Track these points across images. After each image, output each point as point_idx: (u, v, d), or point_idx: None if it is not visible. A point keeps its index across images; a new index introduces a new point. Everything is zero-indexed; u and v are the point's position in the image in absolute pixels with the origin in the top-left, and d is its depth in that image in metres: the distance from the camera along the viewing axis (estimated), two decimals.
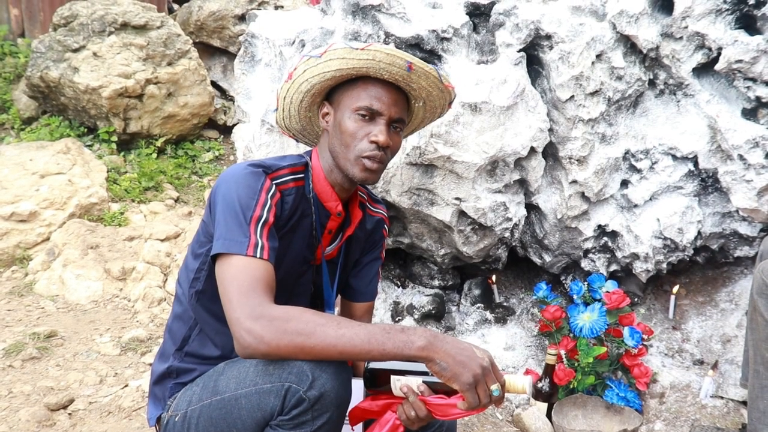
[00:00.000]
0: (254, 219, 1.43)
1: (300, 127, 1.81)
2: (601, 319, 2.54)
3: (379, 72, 1.55)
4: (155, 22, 4.76)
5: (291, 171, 1.60)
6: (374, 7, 2.47)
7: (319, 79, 1.60)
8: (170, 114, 4.74)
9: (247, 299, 1.34)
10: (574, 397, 2.49)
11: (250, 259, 1.39)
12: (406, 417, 1.43)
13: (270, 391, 1.34)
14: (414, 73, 1.58)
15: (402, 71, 1.56)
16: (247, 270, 1.38)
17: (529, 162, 2.63)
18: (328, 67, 1.57)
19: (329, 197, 1.65)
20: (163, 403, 1.62)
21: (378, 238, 1.87)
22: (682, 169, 2.69)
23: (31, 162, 3.91)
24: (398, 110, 1.61)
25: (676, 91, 2.68)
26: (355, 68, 1.55)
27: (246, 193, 1.46)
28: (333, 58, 1.55)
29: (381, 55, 1.52)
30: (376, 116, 1.58)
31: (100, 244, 3.53)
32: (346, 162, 1.58)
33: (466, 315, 2.96)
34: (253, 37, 2.83)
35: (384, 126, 1.57)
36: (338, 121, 1.60)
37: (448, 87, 1.70)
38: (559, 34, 2.55)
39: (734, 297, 2.84)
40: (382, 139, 1.55)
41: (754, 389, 2.09)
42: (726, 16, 2.50)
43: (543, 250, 2.92)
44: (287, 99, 1.70)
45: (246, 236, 1.41)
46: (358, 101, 1.57)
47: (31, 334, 2.83)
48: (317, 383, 1.31)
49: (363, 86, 1.58)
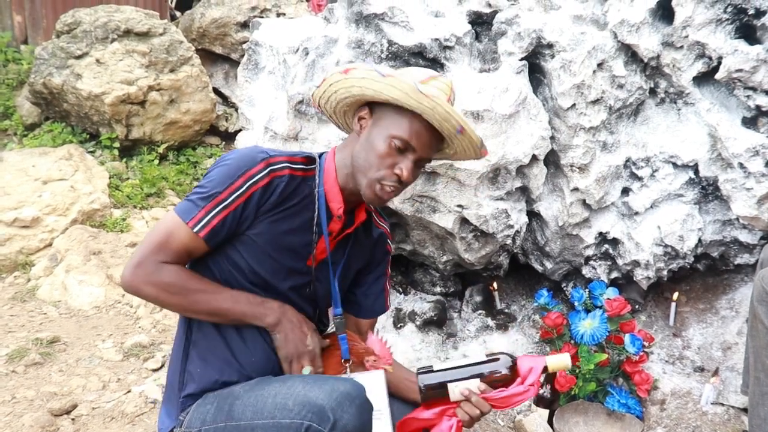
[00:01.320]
0: (216, 200, 1.52)
1: (332, 112, 1.79)
2: (602, 326, 2.55)
3: (432, 120, 1.57)
4: (158, 29, 4.79)
5: (289, 159, 1.61)
6: (377, 15, 2.49)
7: (372, 93, 1.59)
8: (172, 120, 4.77)
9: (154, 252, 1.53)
10: (575, 403, 2.50)
11: (186, 228, 1.52)
12: (470, 417, 1.54)
13: (289, 427, 1.34)
14: (463, 136, 1.61)
15: (453, 130, 1.59)
16: (175, 234, 1.54)
17: (530, 169, 2.65)
18: (388, 92, 1.55)
19: (334, 198, 1.65)
20: (175, 416, 1.61)
21: (382, 255, 1.88)
22: (683, 177, 2.70)
23: (34, 168, 3.92)
24: (430, 152, 1.64)
25: (677, 99, 2.70)
26: (411, 106, 1.55)
27: (227, 173, 1.54)
28: (395, 87, 1.53)
29: (440, 110, 1.53)
30: (408, 151, 1.58)
31: (103, 250, 3.55)
32: (363, 179, 1.59)
33: (468, 321, 2.97)
34: (257, 45, 2.85)
35: (412, 163, 1.58)
36: (371, 136, 1.60)
37: (483, 153, 1.74)
38: (561, 43, 2.57)
39: (735, 304, 2.85)
40: (406, 175, 1.57)
41: (754, 396, 2.10)
42: (726, 25, 2.52)
43: (544, 257, 2.93)
44: (334, 87, 1.67)
45: (198, 209, 1.52)
46: (398, 130, 1.57)
47: (33, 339, 2.84)
48: (339, 424, 1.31)
49: (410, 118, 1.57)
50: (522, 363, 1.53)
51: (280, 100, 2.65)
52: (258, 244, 1.59)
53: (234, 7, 5.76)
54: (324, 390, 1.36)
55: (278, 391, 1.41)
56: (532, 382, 1.49)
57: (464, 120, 1.58)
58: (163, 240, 1.53)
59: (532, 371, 1.50)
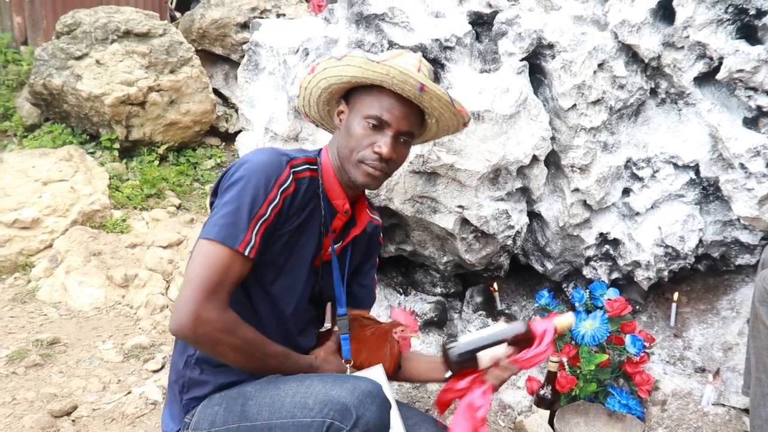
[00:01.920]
0: (258, 216, 1.46)
1: (319, 116, 1.84)
2: (603, 327, 2.54)
3: (392, 87, 1.57)
4: (158, 30, 4.79)
5: (306, 161, 1.62)
6: (378, 16, 2.49)
7: (336, 81, 1.64)
8: (172, 121, 4.76)
9: (212, 292, 1.40)
10: (576, 404, 2.49)
11: (237, 254, 1.43)
12: (500, 380, 1.63)
13: (310, 425, 1.33)
14: (426, 94, 1.59)
15: (414, 90, 1.57)
16: (231, 266, 1.43)
17: (531, 170, 2.65)
18: (345, 72, 1.60)
19: (338, 195, 1.67)
20: (180, 418, 1.60)
21: (375, 245, 1.91)
22: (684, 178, 2.70)
23: (34, 169, 3.92)
24: (408, 124, 1.63)
25: (678, 100, 2.69)
26: (369, 78, 1.57)
27: (261, 183, 1.48)
28: (350, 65, 1.58)
29: (395, 72, 1.54)
30: (384, 127, 1.59)
31: (103, 251, 3.54)
32: (349, 165, 1.61)
33: (468, 322, 2.96)
34: (257, 46, 2.85)
35: (390, 138, 1.58)
36: (348, 124, 1.63)
37: (460, 112, 1.72)
38: (562, 44, 2.57)
39: (735, 305, 2.85)
40: (385, 151, 1.57)
41: (755, 397, 2.10)
42: (727, 26, 2.52)
43: (545, 258, 2.93)
44: (308, 90, 1.74)
45: (243, 231, 1.44)
46: (369, 109, 1.59)
47: (34, 341, 2.84)
48: (361, 422, 1.31)
49: (378, 95, 1.60)
50: (535, 325, 1.64)
51: (280, 101, 2.65)
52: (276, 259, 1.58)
53: (234, 7, 5.76)
54: (345, 388, 1.36)
55: (297, 390, 1.40)
56: (549, 341, 1.61)
57: (425, 78, 1.58)
58: (221, 276, 1.41)
59: (546, 332, 1.62)
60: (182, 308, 1.38)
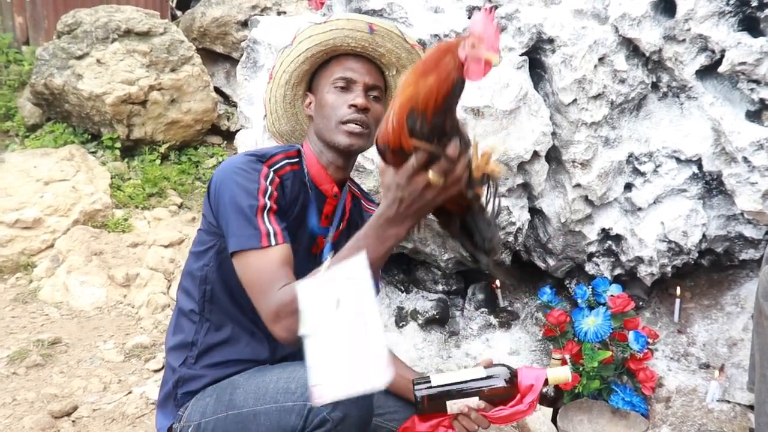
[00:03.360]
0: (260, 209, 1.44)
1: (290, 128, 1.82)
2: (606, 324, 2.52)
3: (345, 41, 1.60)
4: (158, 29, 4.78)
5: (285, 156, 1.61)
6: (376, 12, 2.47)
7: (294, 66, 1.65)
8: (173, 120, 4.76)
9: (267, 297, 1.35)
10: (579, 401, 2.48)
11: (265, 250, 1.40)
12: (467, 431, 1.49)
13: (292, 409, 1.33)
14: (377, 34, 1.61)
15: (365, 35, 1.60)
16: (263, 262, 1.40)
17: (532, 166, 2.63)
18: (299, 50, 1.62)
19: (324, 180, 1.65)
20: (173, 414, 1.60)
21: None
22: (686, 172, 2.67)
23: (36, 169, 3.92)
24: (372, 78, 1.64)
25: (680, 93, 2.67)
26: (322, 43, 1.60)
27: (246, 183, 1.47)
28: (301, 39, 1.61)
29: (342, 23, 1.58)
30: (351, 84, 1.61)
31: (104, 250, 3.54)
32: (330, 133, 1.59)
33: (470, 320, 2.95)
34: (255, 43, 2.84)
35: (361, 91, 1.60)
36: (319, 101, 1.64)
37: (413, 46, 1.70)
38: (562, 38, 2.55)
39: (740, 300, 2.82)
40: (360, 101, 1.58)
41: (761, 393, 2.07)
42: (729, 18, 2.49)
43: (547, 254, 2.91)
44: (272, 99, 1.74)
45: (256, 228, 1.42)
46: (333, 75, 1.62)
47: (35, 341, 2.84)
48: (341, 404, 1.29)
49: (336, 62, 1.64)
50: (522, 376, 1.49)
51: (262, 99, 2.63)
52: None
53: (234, 5, 5.75)
54: None
55: (280, 376, 1.40)
56: (533, 400, 1.44)
57: (372, 18, 1.62)
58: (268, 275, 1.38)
59: (532, 389, 1.45)
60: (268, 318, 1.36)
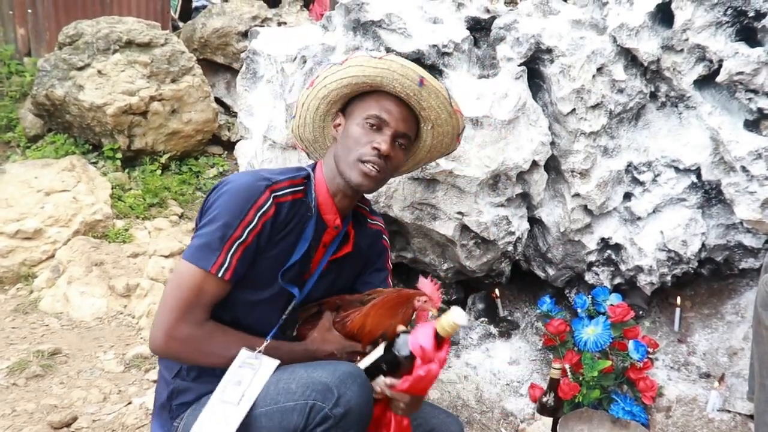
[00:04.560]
0: (232, 238, 1.47)
1: (313, 137, 1.84)
2: (606, 333, 2.52)
3: (392, 83, 1.60)
4: (159, 40, 4.81)
5: (291, 184, 1.61)
6: (375, 22, 2.48)
7: (336, 86, 1.66)
8: (174, 130, 4.77)
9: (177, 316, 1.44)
10: (579, 411, 2.47)
11: (208, 275, 1.45)
12: (401, 408, 1.49)
13: (293, 409, 1.35)
14: (425, 89, 1.63)
15: (413, 85, 1.61)
16: (204, 287, 1.46)
17: (531, 176, 2.63)
18: (346, 74, 1.63)
19: (329, 209, 1.66)
20: (169, 425, 1.60)
21: (380, 250, 1.86)
22: (685, 182, 2.68)
23: (36, 180, 3.93)
24: (405, 126, 1.66)
25: (678, 103, 2.68)
26: (370, 77, 1.61)
27: (237, 209, 1.49)
28: (352, 65, 1.62)
29: (396, 65, 1.59)
30: (383, 126, 1.62)
31: (105, 260, 3.54)
32: (346, 165, 1.61)
33: (471, 329, 2.94)
34: (255, 54, 2.85)
35: (389, 137, 1.61)
36: (347, 130, 1.65)
37: (456, 111, 1.73)
38: (560, 48, 2.56)
39: (740, 309, 2.82)
40: (384, 147, 1.58)
41: (760, 403, 2.07)
42: (726, 28, 2.51)
43: (546, 264, 2.91)
44: (305, 106, 1.76)
45: (216, 253, 1.46)
46: (368, 110, 1.63)
47: (35, 351, 2.83)
48: (342, 400, 1.33)
49: (376, 98, 1.64)
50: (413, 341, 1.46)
51: (278, 109, 2.64)
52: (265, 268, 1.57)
53: (235, 17, 5.79)
54: (327, 370, 1.38)
55: (280, 378, 1.42)
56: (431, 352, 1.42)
57: (425, 72, 1.63)
58: (193, 297, 1.45)
59: (422, 349, 1.43)
60: (156, 328, 1.46)
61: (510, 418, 2.57)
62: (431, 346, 1.42)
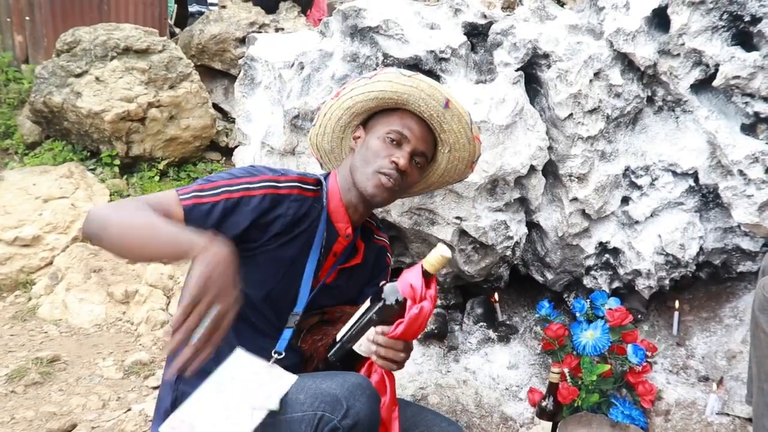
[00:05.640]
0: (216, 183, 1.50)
1: (330, 147, 1.87)
2: (605, 337, 2.52)
3: (417, 102, 1.63)
4: (157, 46, 4.81)
5: (300, 180, 1.63)
6: (372, 29, 2.49)
7: (363, 98, 1.69)
8: (172, 137, 4.78)
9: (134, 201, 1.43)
10: (578, 415, 2.47)
11: (174, 194, 1.47)
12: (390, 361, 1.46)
13: (302, 419, 1.34)
14: (449, 111, 1.66)
15: (438, 106, 1.65)
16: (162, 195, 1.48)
17: (529, 180, 2.64)
18: (375, 87, 1.66)
19: (341, 218, 1.68)
20: None
21: (382, 266, 1.89)
22: (683, 185, 2.69)
23: (35, 186, 3.93)
24: (424, 146, 1.69)
25: (675, 107, 2.69)
26: (397, 92, 1.63)
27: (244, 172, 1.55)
28: (381, 80, 1.64)
29: (424, 85, 1.63)
30: (403, 143, 1.65)
31: (103, 267, 3.54)
32: (363, 176, 1.63)
33: (469, 334, 2.95)
34: (253, 60, 2.86)
35: (408, 153, 1.64)
36: (367, 143, 1.67)
37: (476, 138, 1.76)
38: (557, 53, 2.57)
39: (738, 312, 2.82)
40: (402, 162, 1.61)
41: (758, 406, 2.08)
42: (722, 32, 2.52)
43: (545, 268, 2.91)
44: (327, 115, 1.79)
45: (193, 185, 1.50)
46: (391, 126, 1.66)
47: (33, 359, 2.83)
48: (351, 412, 1.32)
49: (399, 115, 1.67)
50: (402, 284, 1.45)
51: (276, 115, 2.65)
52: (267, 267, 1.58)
53: (233, 23, 5.79)
54: (335, 381, 1.38)
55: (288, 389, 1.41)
56: (421, 293, 1.41)
57: (451, 95, 1.66)
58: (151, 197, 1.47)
59: (414, 290, 1.42)
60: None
61: (509, 422, 2.57)
62: (421, 284, 1.43)
